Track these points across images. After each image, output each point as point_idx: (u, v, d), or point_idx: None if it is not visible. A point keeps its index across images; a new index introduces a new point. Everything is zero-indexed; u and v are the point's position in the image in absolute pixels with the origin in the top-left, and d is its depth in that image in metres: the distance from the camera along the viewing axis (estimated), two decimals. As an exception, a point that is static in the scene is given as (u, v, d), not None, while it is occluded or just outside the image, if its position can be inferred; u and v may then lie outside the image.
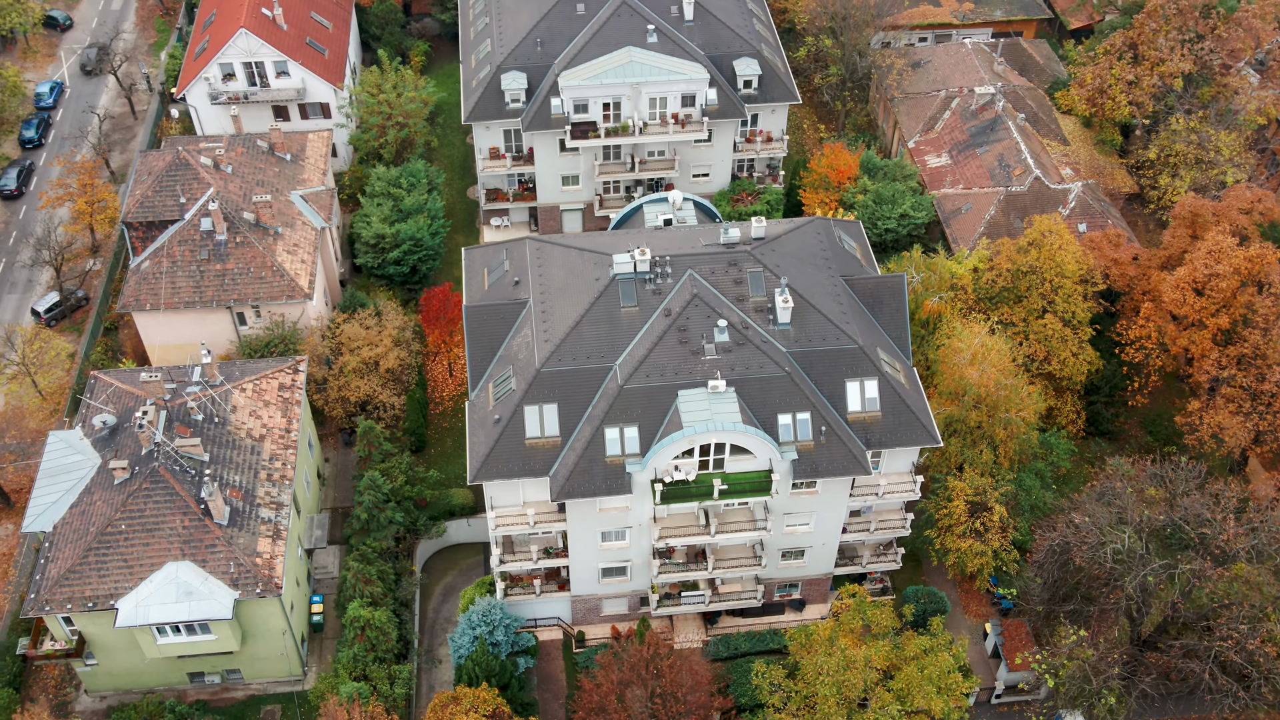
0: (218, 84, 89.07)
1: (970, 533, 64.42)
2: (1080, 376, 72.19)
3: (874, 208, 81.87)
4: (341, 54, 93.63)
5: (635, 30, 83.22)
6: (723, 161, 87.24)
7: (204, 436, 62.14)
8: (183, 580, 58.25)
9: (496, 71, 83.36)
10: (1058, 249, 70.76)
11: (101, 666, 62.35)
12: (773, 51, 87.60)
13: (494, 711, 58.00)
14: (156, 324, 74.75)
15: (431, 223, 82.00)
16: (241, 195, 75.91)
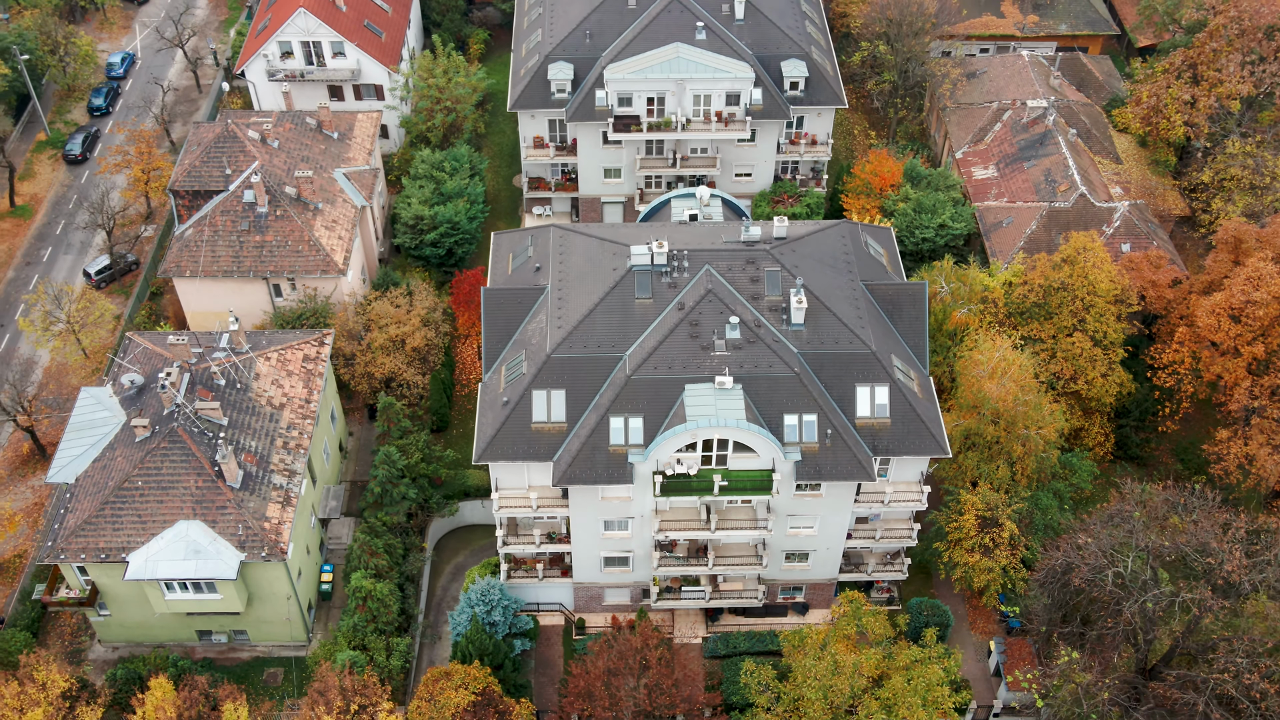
0: (275, 61, 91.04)
1: (979, 548, 63.60)
2: (1109, 398, 70.85)
3: (913, 216, 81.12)
4: (399, 38, 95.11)
5: (684, 27, 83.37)
6: (765, 162, 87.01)
7: (225, 401, 63.65)
8: (192, 539, 59.75)
9: (544, 61, 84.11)
10: (1091, 267, 69.53)
11: (114, 618, 64.20)
12: (823, 54, 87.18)
13: (484, 690, 58.58)
14: (196, 290, 76.69)
15: (470, 207, 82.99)
16: (285, 170, 77.57)
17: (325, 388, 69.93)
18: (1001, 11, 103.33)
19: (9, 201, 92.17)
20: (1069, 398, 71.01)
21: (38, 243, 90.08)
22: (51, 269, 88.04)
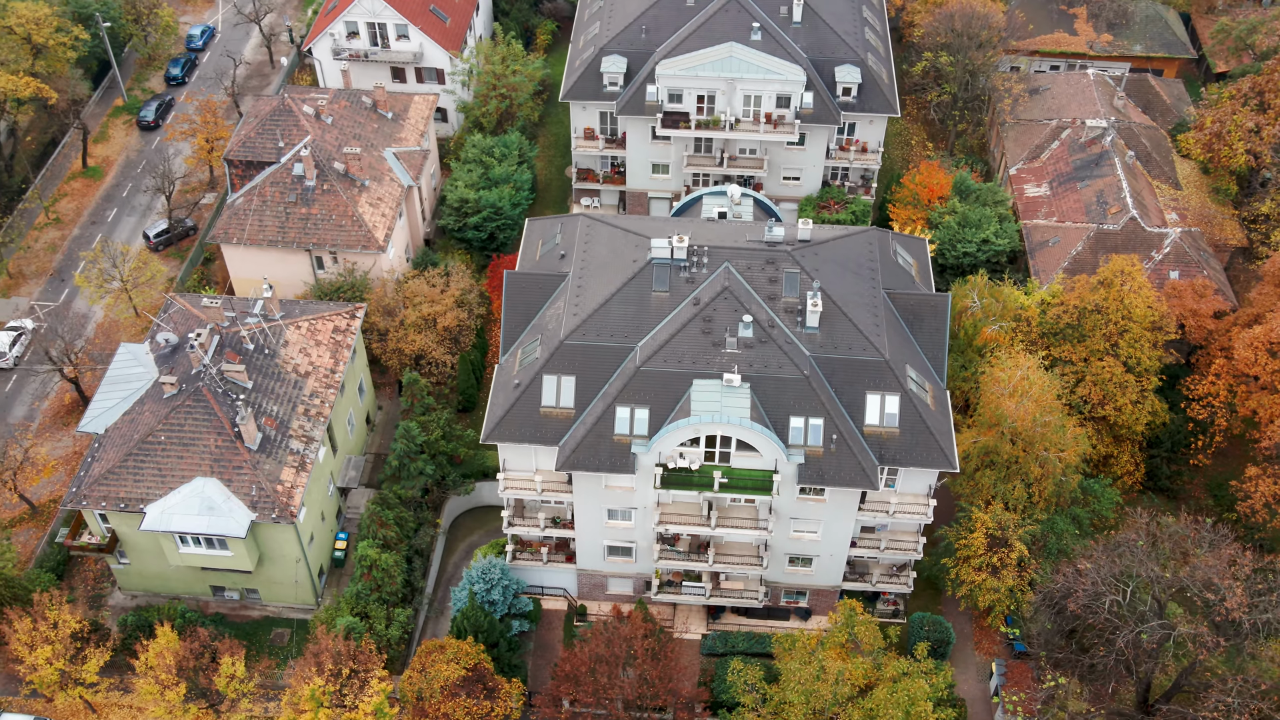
0: (341, 41, 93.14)
1: (986, 567, 62.72)
2: (1139, 426, 69.28)
3: (956, 230, 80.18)
4: (463, 24, 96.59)
5: (740, 27, 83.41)
6: (814, 167, 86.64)
7: (251, 366, 65.41)
8: (207, 495, 61.57)
9: (599, 54, 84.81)
10: (1128, 291, 68.11)
11: (133, 567, 66.39)
12: (879, 62, 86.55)
13: (476, 666, 59.42)
14: (242, 258, 78.88)
15: (515, 194, 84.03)
16: (336, 146, 79.37)
17: (354, 360, 71.45)
18: (1075, 29, 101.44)
19: (82, 162, 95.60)
20: (1097, 423, 69.61)
21: (105, 203, 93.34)
22: (115, 229, 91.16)
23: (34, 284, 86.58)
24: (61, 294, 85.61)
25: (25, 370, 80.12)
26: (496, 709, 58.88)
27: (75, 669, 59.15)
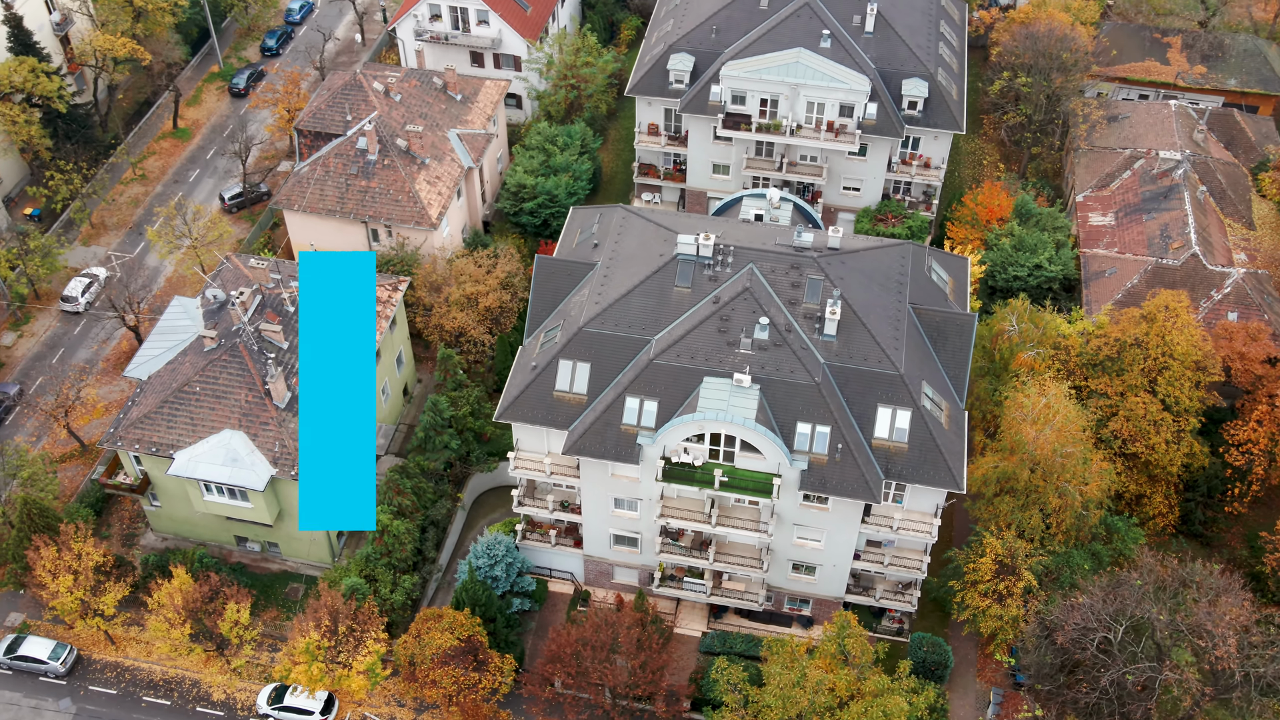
0: (424, 22, 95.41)
1: (992, 593, 61.76)
2: (1174, 467, 67.38)
3: (1010, 253, 78.86)
4: (545, 13, 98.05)
5: (810, 33, 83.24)
6: (874, 179, 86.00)
7: (289, 327, 67.64)
8: (233, 448, 63.96)
9: (667, 50, 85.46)
10: (1171, 328, 66.29)
11: (164, 510, 69.24)
12: (950, 78, 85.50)
13: (469, 638, 60.66)
14: (302, 224, 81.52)
15: (573, 183, 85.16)
16: (400, 123, 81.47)
17: (393, 331, 73.32)
18: (1166, 59, 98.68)
19: (173, 123, 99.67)
20: (1128, 460, 67.90)
21: (189, 164, 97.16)
22: (195, 189, 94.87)
23: (113, 235, 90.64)
24: (137, 247, 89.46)
25: (94, 316, 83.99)
26: (484, 681, 60.09)
27: (95, 600, 62.05)
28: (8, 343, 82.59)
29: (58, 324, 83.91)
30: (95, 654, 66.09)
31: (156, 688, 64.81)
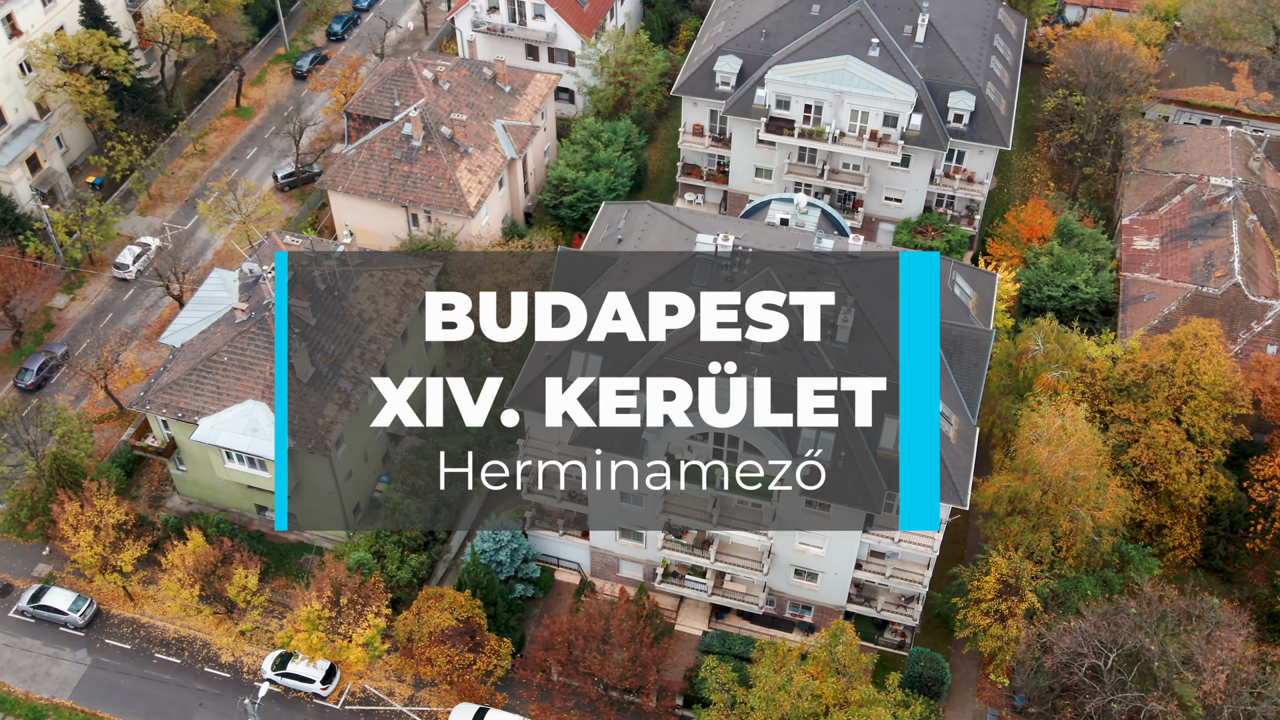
0: (482, 13, 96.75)
1: (994, 613, 61.16)
2: (1195, 499, 66.10)
3: (1046, 273, 77.87)
4: (602, 10, 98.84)
5: (859, 41, 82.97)
6: (916, 190, 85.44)
7: (318, 304, 69.20)
8: (254, 418, 65.66)
9: (716, 52, 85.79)
10: (1198, 357, 65.01)
11: (189, 475, 71.27)
12: (1000, 93, 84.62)
13: (468, 620, 61.63)
14: (346, 205, 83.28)
15: (613, 179, 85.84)
16: (446, 112, 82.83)
17: (423, 314, 74.45)
18: (1232, 84, 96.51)
19: (235, 102, 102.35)
20: (1148, 488, 66.72)
21: (248, 142, 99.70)
22: (251, 167, 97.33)
23: (169, 207, 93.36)
24: (190, 219, 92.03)
25: (143, 284, 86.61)
26: (479, 663, 61.02)
27: (114, 556, 64.13)
28: (59, 305, 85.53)
29: (109, 290, 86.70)
30: (114, 609, 68.29)
31: (168, 646, 66.78)
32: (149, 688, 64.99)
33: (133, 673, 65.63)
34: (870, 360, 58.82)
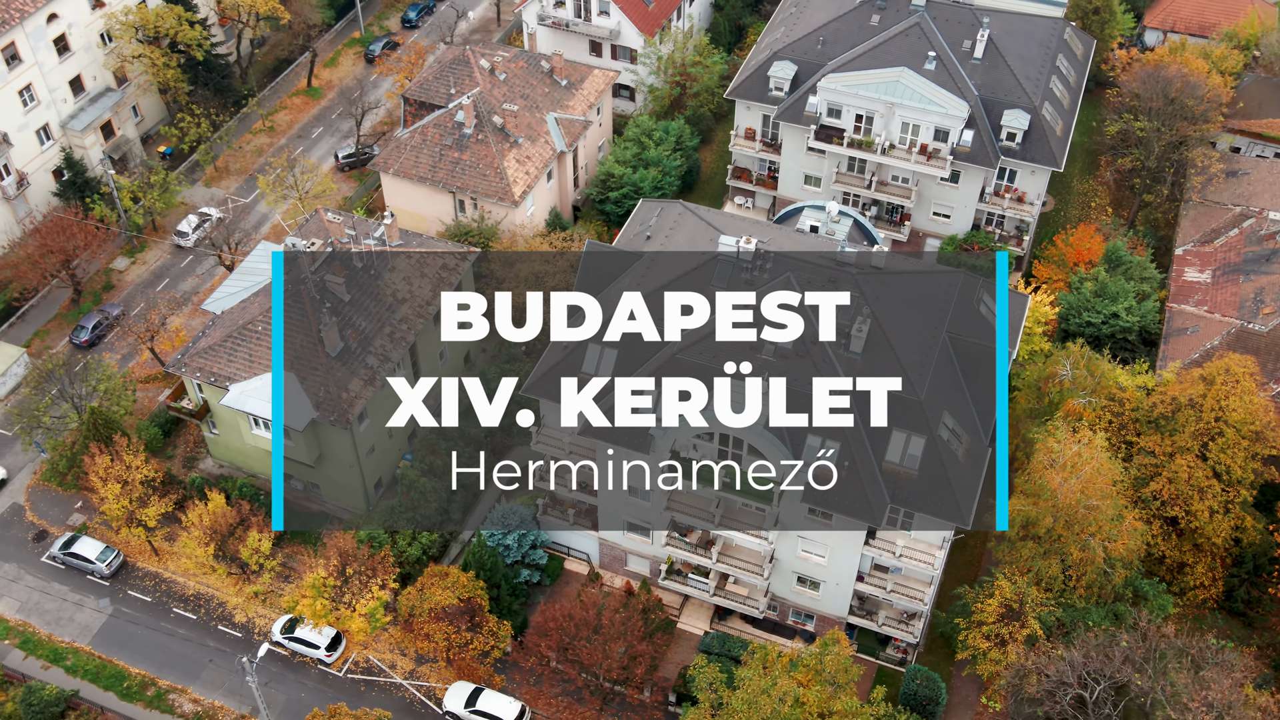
0: (548, 7, 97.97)
1: (995, 636, 60.41)
2: (1217, 538, 64.50)
3: (1089, 299, 76.50)
4: (668, 9, 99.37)
5: (917, 53, 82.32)
6: (965, 207, 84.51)
7: (353, 282, 70.86)
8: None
9: (772, 57, 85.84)
10: (1229, 393, 63.41)
11: (221, 438, 73.48)
12: (1058, 114, 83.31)
13: (469, 599, 62.67)
14: (396, 188, 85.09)
15: (661, 178, 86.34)
16: (500, 102, 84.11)
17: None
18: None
19: (307, 82, 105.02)
20: (1169, 524, 65.27)
21: (314, 122, 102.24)
22: (315, 146, 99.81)
23: (234, 180, 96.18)
24: (253, 193, 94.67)
25: (201, 252, 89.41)
26: (476, 642, 62.01)
27: (140, 511, 66.46)
28: (120, 267, 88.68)
29: (168, 256, 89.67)
30: (139, 562, 70.74)
31: (186, 601, 69.00)
32: (164, 640, 67.23)
33: (150, 625, 67.94)
34: (883, 372, 58.35)
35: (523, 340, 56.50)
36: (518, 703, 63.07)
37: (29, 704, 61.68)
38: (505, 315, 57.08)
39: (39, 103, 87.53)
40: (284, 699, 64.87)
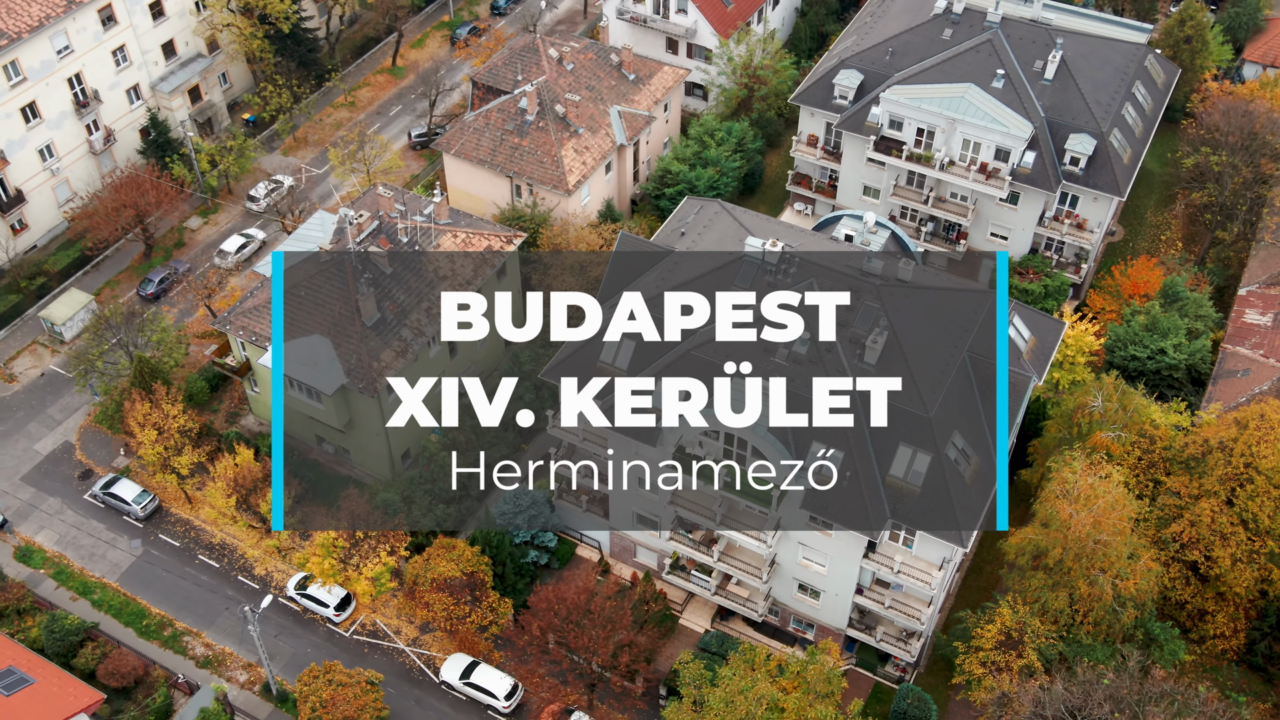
0: (628, 3, 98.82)
1: (990, 664, 59.47)
2: (1239, 587, 62.48)
3: (1138, 332, 74.56)
4: (747, 11, 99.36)
5: (985, 70, 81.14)
6: (1023, 230, 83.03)
7: (396, 256, 72.64)
8: (317, 351, 69.54)
9: (839, 65, 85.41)
10: (1260, 439, 61.32)
11: (261, 396, 76.03)
12: (1128, 141, 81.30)
13: (473, 574, 63.91)
14: (458, 169, 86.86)
15: (718, 178, 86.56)
16: (563, 91, 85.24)
17: (501, 280, 77.09)
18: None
19: (392, 61, 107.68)
20: (1188, 568, 63.43)
21: (394, 100, 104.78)
22: (392, 124, 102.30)
23: (310, 151, 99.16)
24: (325, 165, 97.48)
25: (270, 218, 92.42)
26: (474, 616, 63.21)
27: (174, 458, 69.18)
28: (193, 226, 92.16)
29: (238, 219, 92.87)
30: (173, 508, 73.57)
31: (211, 550, 71.59)
32: (185, 585, 69.87)
33: (175, 569, 70.65)
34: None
35: (524, 340, 56.93)
36: (510, 679, 64.11)
37: (51, 631, 64.68)
38: (542, 314, 57.24)
39: (131, 63, 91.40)
40: (290, 652, 66.90)
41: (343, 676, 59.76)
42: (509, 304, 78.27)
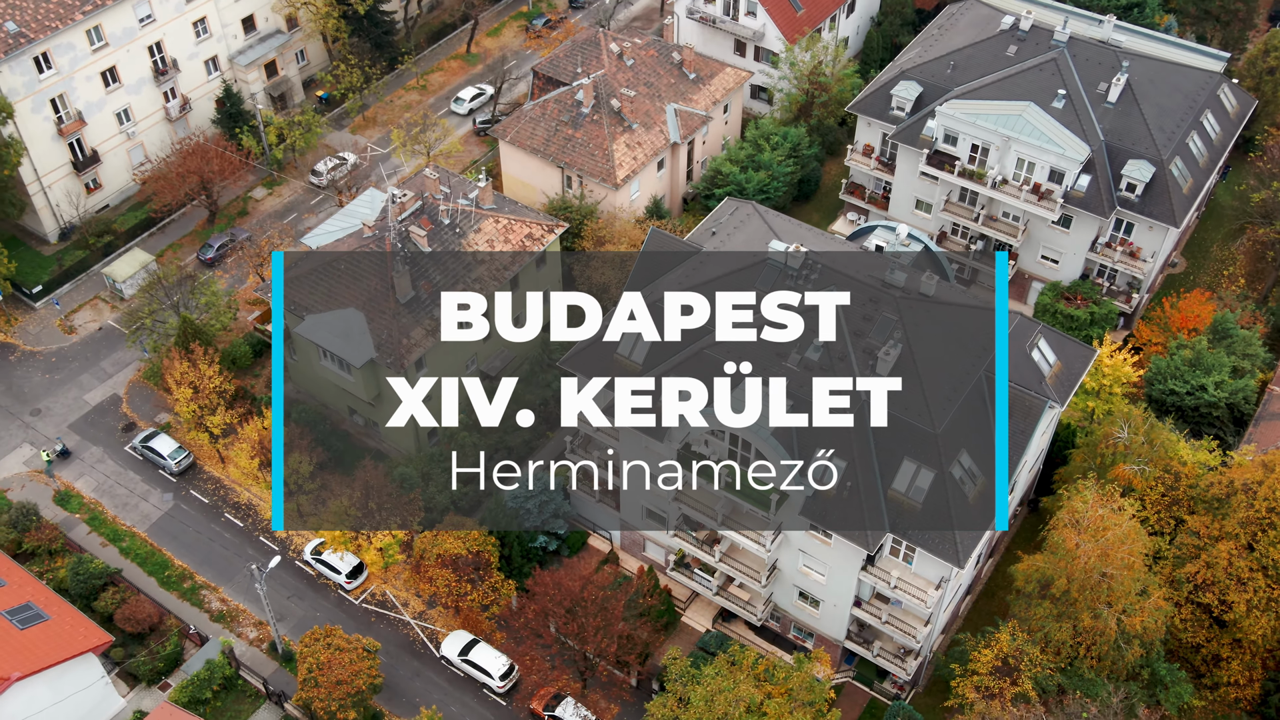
0: (699, 3, 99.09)
1: (984, 689, 58.60)
2: (1254, 634, 60.59)
3: (1180, 367, 72.60)
4: (818, 17, 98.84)
5: (1047, 89, 79.69)
6: (1074, 254, 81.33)
7: (436, 237, 73.99)
8: (350, 324, 71.23)
9: (899, 76, 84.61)
10: (1284, 483, 59.43)
11: (299, 365, 78.03)
12: (1190, 171, 79.14)
13: (478, 554, 64.93)
14: (512, 156, 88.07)
15: (769, 182, 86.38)
16: (620, 86, 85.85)
17: (540, 269, 78.02)
18: None
19: (466, 48, 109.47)
20: (1203, 611, 61.66)
21: (465, 85, 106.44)
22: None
23: (377, 130, 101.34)
24: (390, 145, 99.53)
25: (328, 193, 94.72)
26: (475, 595, 64.21)
27: (208, 417, 71.46)
28: (258, 197, 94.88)
29: (300, 193, 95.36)
30: (206, 466, 75.95)
31: (237, 508, 73.76)
32: (209, 541, 72.11)
33: (201, 525, 72.95)
34: (904, 400, 57.47)
35: (523, 340, 57.55)
36: (506, 659, 64.96)
37: (76, 573, 67.32)
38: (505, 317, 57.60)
39: (210, 35, 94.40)
40: (300, 614, 68.66)
41: (341, 641, 61.12)
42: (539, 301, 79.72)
